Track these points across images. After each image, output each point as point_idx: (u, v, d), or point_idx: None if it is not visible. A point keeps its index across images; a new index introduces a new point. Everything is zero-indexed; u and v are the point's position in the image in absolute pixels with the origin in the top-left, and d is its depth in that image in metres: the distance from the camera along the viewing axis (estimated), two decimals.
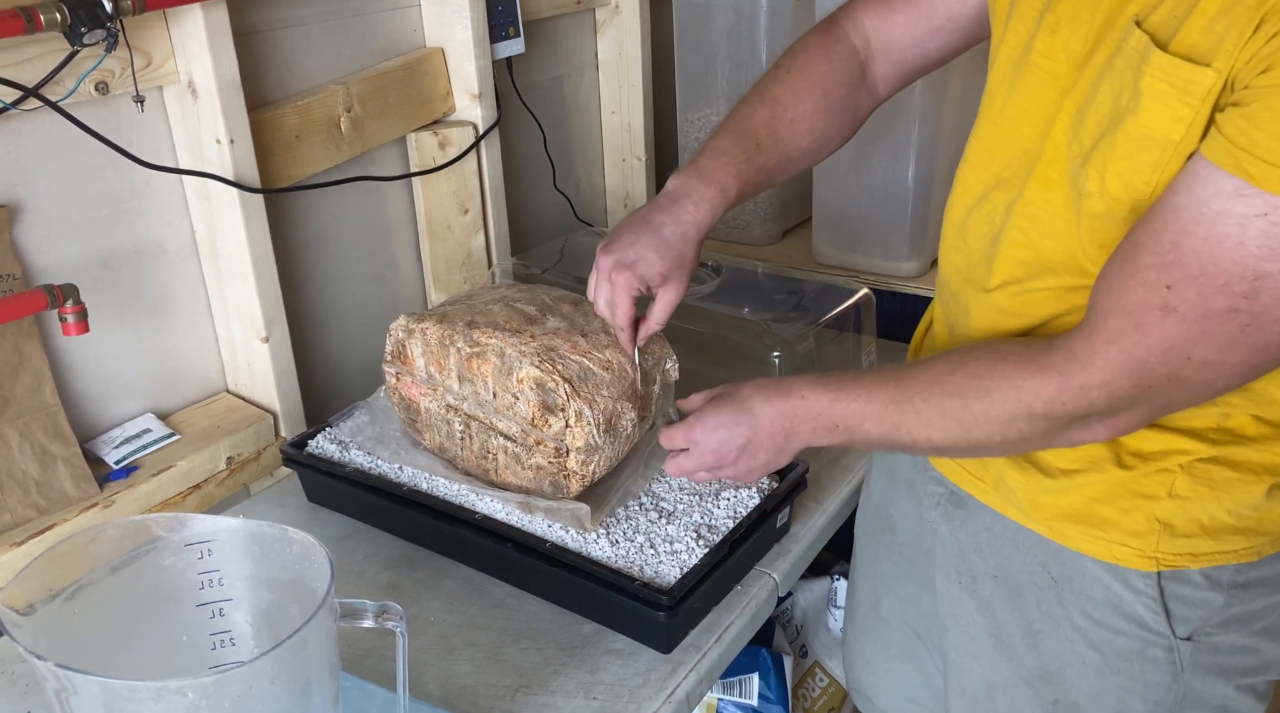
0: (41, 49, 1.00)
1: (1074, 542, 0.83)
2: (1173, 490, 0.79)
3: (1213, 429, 0.78)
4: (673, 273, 0.94)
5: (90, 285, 1.12)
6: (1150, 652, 0.83)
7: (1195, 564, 0.80)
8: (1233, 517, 0.79)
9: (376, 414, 1.20)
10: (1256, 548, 0.80)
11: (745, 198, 0.98)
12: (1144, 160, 0.68)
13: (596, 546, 0.99)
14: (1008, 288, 0.83)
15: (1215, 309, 0.64)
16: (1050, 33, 0.77)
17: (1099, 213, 0.73)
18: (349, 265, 1.45)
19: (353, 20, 1.37)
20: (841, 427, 0.84)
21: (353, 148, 1.36)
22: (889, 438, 0.82)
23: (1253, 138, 0.61)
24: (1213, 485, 0.79)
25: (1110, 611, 0.83)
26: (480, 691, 0.92)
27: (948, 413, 0.78)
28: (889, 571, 1.09)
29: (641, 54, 1.86)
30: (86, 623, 0.70)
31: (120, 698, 0.61)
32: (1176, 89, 0.65)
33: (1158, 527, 0.80)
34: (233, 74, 1.13)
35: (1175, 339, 0.66)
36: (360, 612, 0.71)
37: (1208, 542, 0.79)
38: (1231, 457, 0.78)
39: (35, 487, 1.07)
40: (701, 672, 0.94)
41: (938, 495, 0.95)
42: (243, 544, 0.75)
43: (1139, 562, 0.81)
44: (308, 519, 1.17)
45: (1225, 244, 0.62)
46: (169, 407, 1.26)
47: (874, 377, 0.84)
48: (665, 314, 0.97)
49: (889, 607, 1.10)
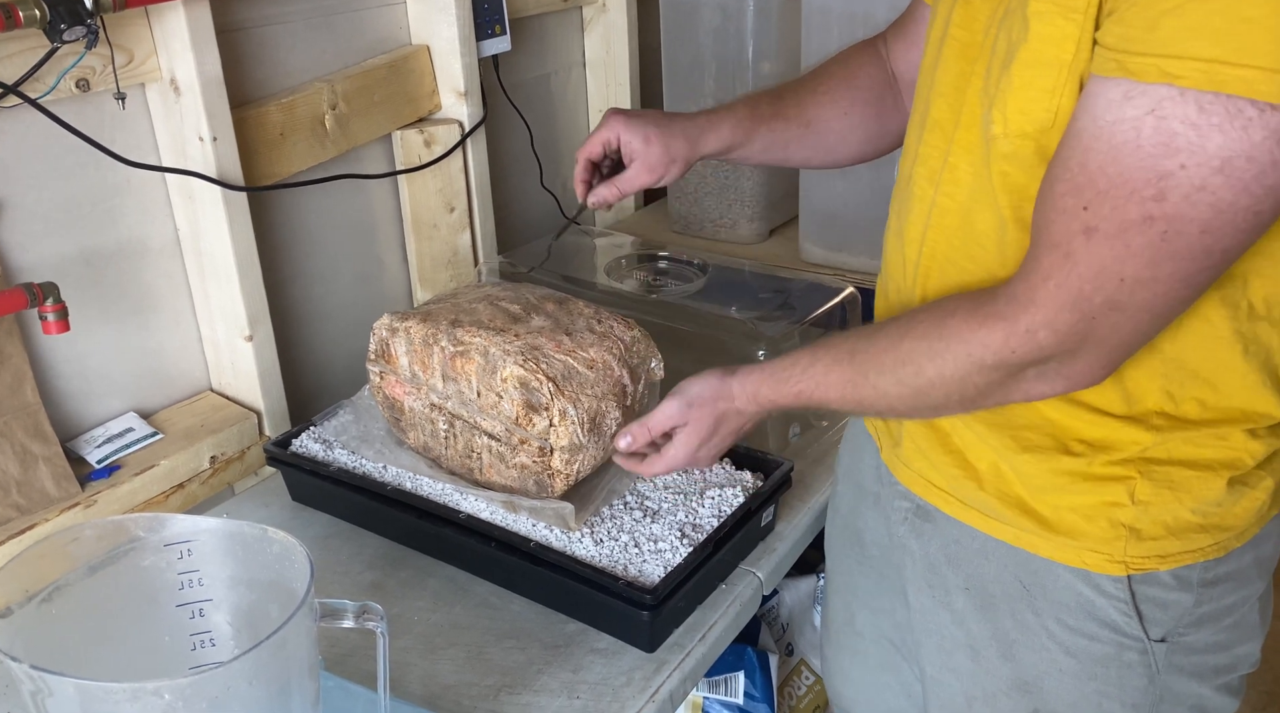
0: (21, 46, 0.99)
1: (1043, 549, 0.83)
2: (1135, 496, 0.79)
3: (1156, 413, 0.77)
4: (653, 150, 1.01)
5: (73, 284, 1.11)
6: (1125, 656, 0.83)
7: (1164, 565, 0.80)
8: (1196, 515, 0.79)
9: (361, 413, 1.20)
10: (1222, 544, 0.80)
11: (765, 151, 1.06)
12: (1041, 87, 0.69)
13: (581, 545, 0.99)
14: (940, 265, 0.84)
15: (1131, 220, 0.63)
16: (965, 5, 0.79)
17: (1007, 154, 0.74)
18: (334, 264, 1.45)
19: (337, 17, 1.37)
20: (803, 398, 0.86)
21: (337, 146, 1.36)
22: (855, 412, 0.84)
23: (1127, 36, 0.61)
24: (1173, 487, 0.79)
25: (1084, 617, 0.83)
26: (463, 690, 0.92)
27: (903, 381, 0.78)
28: (861, 584, 1.08)
29: (629, 52, 1.86)
30: (65, 624, 0.70)
31: (96, 700, 0.60)
32: (1059, 6, 0.66)
33: (1124, 532, 0.80)
34: (216, 71, 1.13)
35: (1103, 261, 0.65)
36: (340, 612, 0.71)
37: (1174, 542, 0.79)
38: (1186, 455, 0.78)
39: (16, 486, 1.06)
40: (685, 671, 0.94)
41: (904, 510, 0.94)
42: (222, 544, 0.75)
43: (1108, 566, 0.81)
44: (292, 519, 1.17)
45: (1125, 152, 0.62)
46: (152, 406, 1.25)
47: (827, 357, 0.84)
48: (624, 187, 1.04)
49: (863, 620, 1.09)
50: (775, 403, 0.89)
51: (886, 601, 1.03)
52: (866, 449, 1.02)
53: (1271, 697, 1.95)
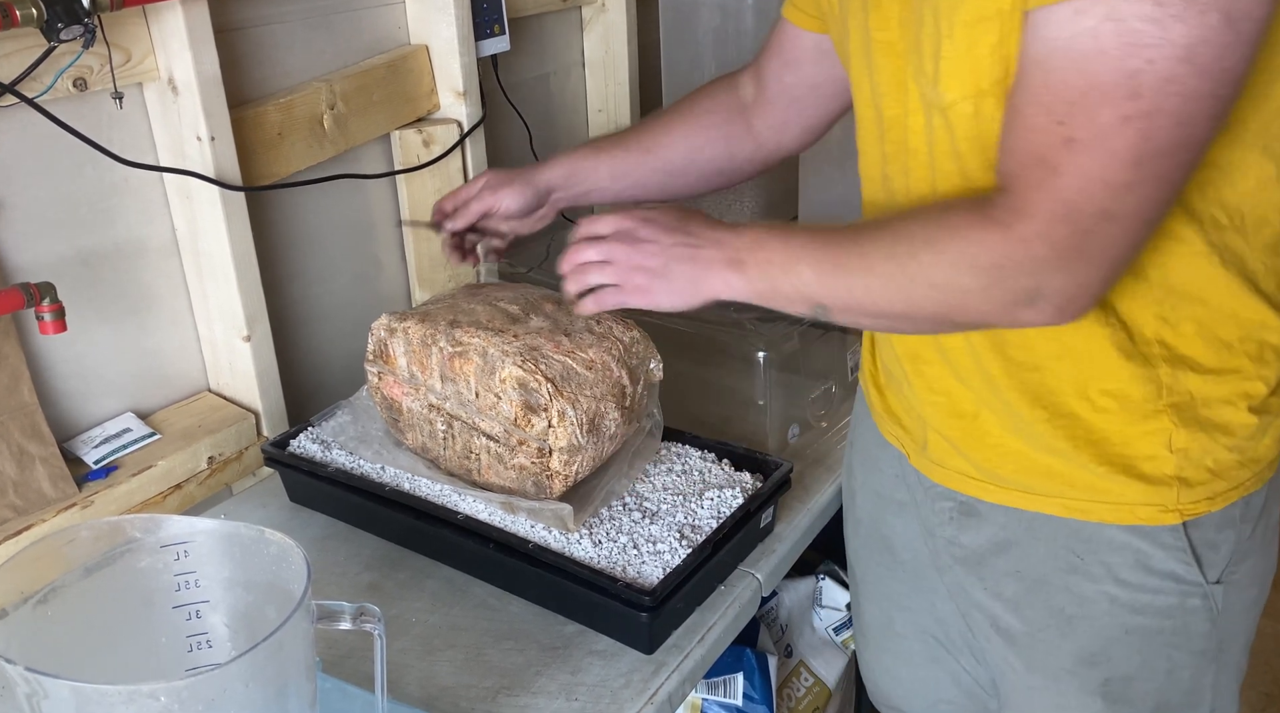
0: (18, 45, 0.99)
1: (1094, 514, 0.84)
2: (1173, 445, 0.81)
3: (1157, 342, 0.79)
4: (502, 188, 1.12)
5: (70, 284, 1.11)
6: (1189, 603, 0.85)
7: (1215, 506, 0.82)
8: (1234, 452, 0.82)
9: (359, 414, 1.20)
10: (1260, 475, 0.84)
11: (614, 181, 1.13)
12: (987, 42, 0.71)
13: (579, 546, 0.99)
14: None
15: (1109, 123, 0.64)
16: (876, 8, 0.81)
17: (970, 114, 0.75)
18: (332, 264, 1.44)
19: (336, 17, 1.36)
20: (777, 264, 0.82)
21: (336, 145, 1.35)
22: (823, 280, 0.79)
23: None
24: (1205, 428, 0.81)
25: (1143, 573, 0.84)
26: (461, 692, 0.91)
27: (893, 257, 0.76)
28: (896, 589, 1.08)
29: (628, 52, 1.85)
30: (61, 626, 0.70)
31: (91, 702, 0.60)
32: None
33: (1173, 481, 0.81)
34: (214, 71, 1.12)
35: (1088, 169, 0.66)
36: (338, 614, 0.71)
37: (1220, 482, 0.82)
38: (1205, 394, 0.80)
39: (13, 487, 1.06)
40: (684, 673, 0.94)
41: (947, 510, 0.94)
42: (219, 546, 0.74)
43: (1163, 517, 0.82)
44: (289, 520, 1.16)
45: (1090, 60, 0.64)
46: (149, 406, 1.25)
47: (828, 228, 0.83)
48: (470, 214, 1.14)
49: (903, 622, 1.09)
50: (760, 243, 0.83)
51: (924, 599, 1.04)
52: (883, 459, 1.02)
53: (1271, 699, 1.95)
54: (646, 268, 0.88)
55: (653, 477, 1.09)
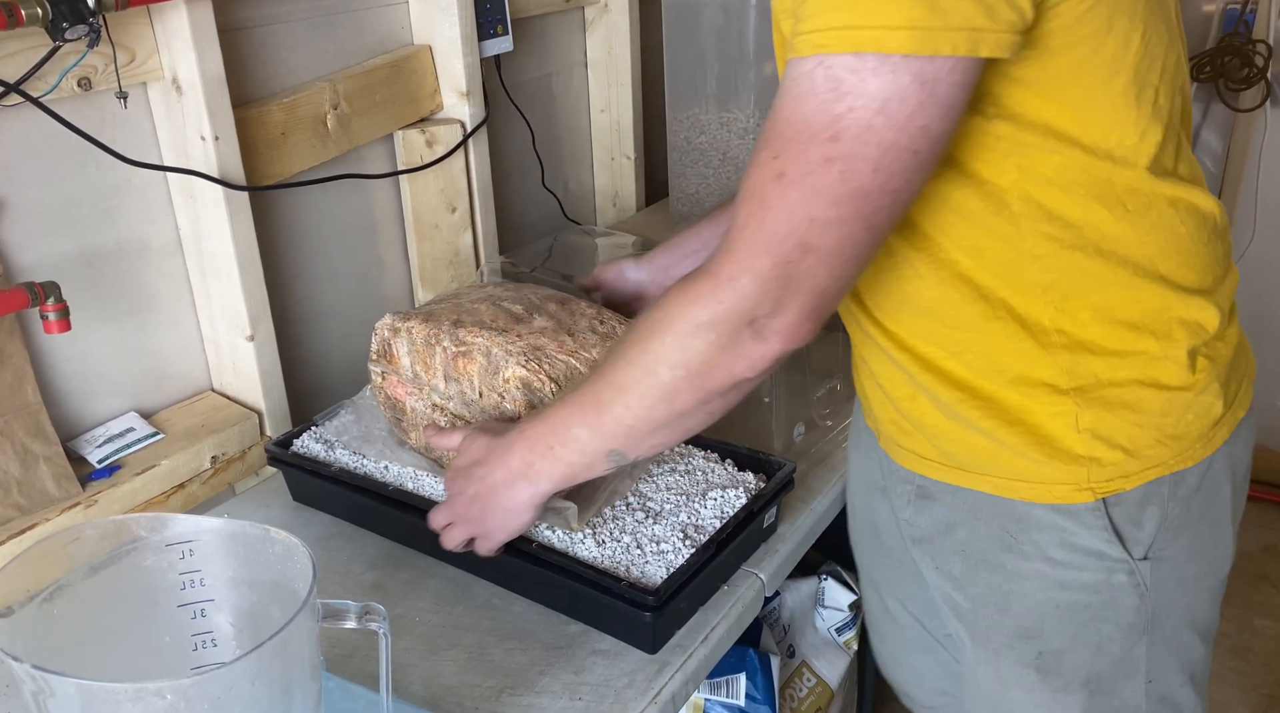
0: (23, 44, 0.99)
1: (1020, 493, 0.86)
2: (1079, 425, 0.82)
3: (1056, 330, 0.80)
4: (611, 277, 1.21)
5: (73, 283, 1.11)
6: (1115, 578, 0.86)
7: (1130, 484, 0.83)
8: (1149, 431, 0.82)
9: (362, 413, 1.20)
10: (1185, 454, 0.84)
11: None
12: None
13: (583, 546, 0.99)
14: None
15: (814, 162, 0.67)
16: None
17: None
18: (335, 264, 1.45)
19: (339, 17, 1.36)
20: (556, 444, 0.86)
21: (339, 145, 1.35)
22: (595, 427, 0.82)
23: (797, 16, 0.66)
24: (1111, 408, 0.81)
25: (1069, 550, 0.86)
26: (465, 692, 0.91)
27: (631, 362, 0.79)
28: (885, 575, 1.11)
29: (630, 53, 1.85)
30: (66, 624, 0.70)
31: (98, 700, 0.60)
32: (782, 11, 0.74)
33: (1086, 460, 0.83)
34: (218, 71, 1.12)
35: (793, 204, 0.68)
36: (343, 613, 0.71)
37: (1134, 461, 0.83)
38: (1113, 375, 0.81)
39: (16, 486, 1.06)
40: (688, 672, 0.94)
41: (908, 493, 0.97)
42: (224, 545, 0.74)
43: (1079, 495, 0.84)
44: (293, 519, 1.16)
45: (803, 101, 0.67)
46: (153, 405, 1.25)
47: (578, 385, 0.86)
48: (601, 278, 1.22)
49: (895, 608, 1.13)
50: (526, 432, 0.88)
51: (909, 586, 1.07)
52: (869, 444, 1.04)
53: (1274, 699, 1.95)
54: (471, 518, 0.93)
55: (656, 477, 1.09)
